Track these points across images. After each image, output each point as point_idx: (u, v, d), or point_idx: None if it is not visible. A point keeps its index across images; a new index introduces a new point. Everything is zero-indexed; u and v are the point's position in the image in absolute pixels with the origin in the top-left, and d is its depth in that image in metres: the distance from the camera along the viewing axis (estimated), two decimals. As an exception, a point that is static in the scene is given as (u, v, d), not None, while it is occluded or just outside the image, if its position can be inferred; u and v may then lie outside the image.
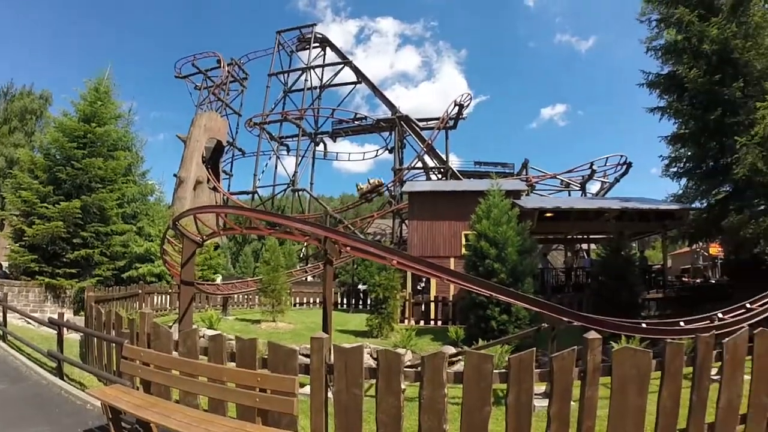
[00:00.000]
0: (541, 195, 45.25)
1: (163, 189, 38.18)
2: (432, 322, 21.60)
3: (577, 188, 47.38)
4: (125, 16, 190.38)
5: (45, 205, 21.72)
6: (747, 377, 4.90)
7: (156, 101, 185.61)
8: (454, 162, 52.09)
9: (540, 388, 4.82)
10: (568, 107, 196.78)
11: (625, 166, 45.48)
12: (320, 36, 62.51)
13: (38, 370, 10.04)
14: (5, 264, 26.28)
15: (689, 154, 21.84)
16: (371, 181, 52.55)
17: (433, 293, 22.90)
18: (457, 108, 50.89)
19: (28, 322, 14.94)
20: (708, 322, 10.64)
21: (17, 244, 22.32)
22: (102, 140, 24.48)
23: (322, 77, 61.05)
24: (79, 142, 23.44)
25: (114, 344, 8.06)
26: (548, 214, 24.22)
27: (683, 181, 22.17)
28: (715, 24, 18.63)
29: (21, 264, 21.62)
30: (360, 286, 29.06)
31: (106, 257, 23.06)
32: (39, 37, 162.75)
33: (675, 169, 22.23)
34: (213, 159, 51.75)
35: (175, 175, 48.93)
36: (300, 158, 56.07)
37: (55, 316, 10.34)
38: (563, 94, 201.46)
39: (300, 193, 55.89)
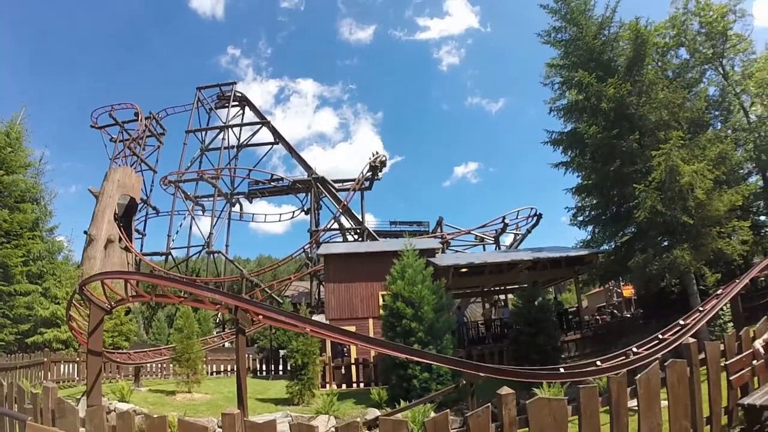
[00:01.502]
0: (457, 251, 46.47)
1: (72, 247, 36.62)
2: (354, 385, 21.26)
3: (491, 242, 48.95)
4: (42, 55, 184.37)
5: (-60, 257, 20.32)
6: (665, 403, 5.09)
7: (69, 150, 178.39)
8: (371, 222, 52.92)
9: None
10: (480, 165, 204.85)
11: (535, 218, 47.75)
12: (240, 95, 62.94)
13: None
14: None
15: (594, 202, 23.26)
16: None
17: (354, 355, 22.67)
18: (372, 169, 51.76)
19: None
20: (623, 358, 10.98)
21: None
22: (9, 190, 23.37)
23: (239, 136, 61.27)
24: (-16, 190, 22.22)
25: (16, 420, 7.56)
26: (463, 270, 24.71)
27: (590, 227, 23.47)
28: (611, 84, 20.05)
29: None
30: (280, 351, 28.42)
31: (9, 320, 21.68)
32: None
33: (581, 218, 23.52)
34: (126, 217, 50.23)
35: (85, 232, 47.04)
36: (216, 219, 55.33)
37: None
38: (475, 153, 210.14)
39: (215, 255, 54.78)
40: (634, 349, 11.48)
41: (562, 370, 10.59)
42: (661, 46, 22.36)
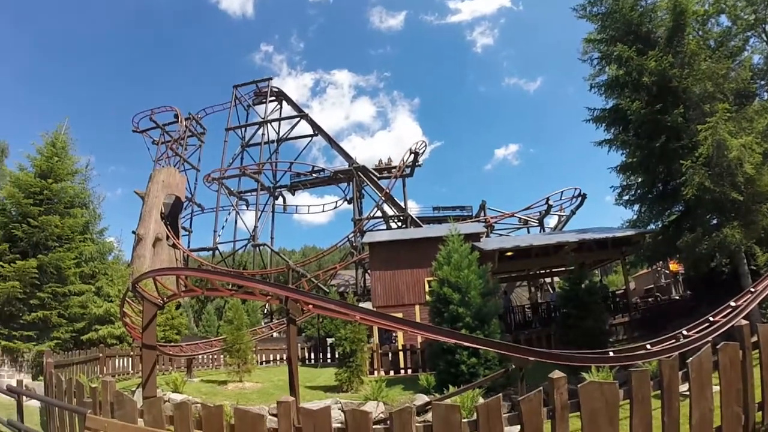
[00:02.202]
0: (501, 234, 45.87)
1: (121, 247, 37.39)
2: (402, 371, 21.32)
3: (536, 224, 48.18)
4: (83, 67, 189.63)
5: (0, 263, 21.07)
6: (717, 388, 4.98)
7: (114, 156, 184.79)
8: (413, 209, 52.74)
9: (513, 429, 4.83)
10: (520, 146, 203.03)
11: (579, 198, 46.62)
12: (276, 90, 63.21)
13: (-3, 440, 9.63)
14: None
15: (639, 181, 22.31)
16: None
17: (401, 342, 22.73)
18: (412, 156, 51.70)
19: (-17, 389, 14.33)
20: (674, 341, 10.73)
21: (-29, 305, 21.43)
22: (59, 197, 24.03)
23: (279, 131, 61.76)
24: (36, 199, 22.97)
25: (76, 414, 7.82)
26: (508, 254, 24.39)
27: (636, 207, 22.56)
28: (652, 57, 19.35)
29: (-25, 326, 20.70)
30: (328, 339, 28.67)
31: (65, 319, 22.32)
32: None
33: (627, 197, 22.59)
34: (172, 215, 51.25)
35: (133, 232, 48.30)
36: (259, 212, 56.12)
37: (13, 382, 9.99)
38: (515, 134, 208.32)
39: (261, 247, 55.52)
40: (685, 332, 11.22)
41: (611, 354, 10.44)
42: (700, 14, 21.38)
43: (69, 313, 22.59)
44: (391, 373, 21.22)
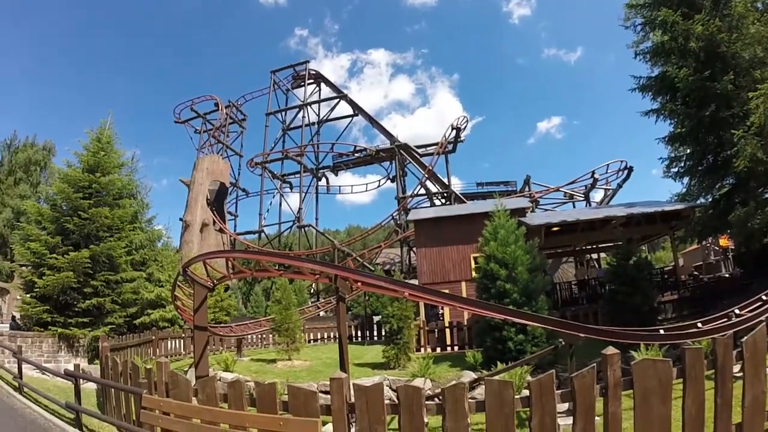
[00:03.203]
0: (546, 209, 45.08)
1: (170, 234, 38.42)
2: (448, 348, 21.34)
3: (581, 198, 47.12)
4: (120, 65, 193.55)
5: (54, 255, 21.76)
6: None
7: (157, 147, 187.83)
8: (457, 185, 52.47)
9: (563, 405, 4.76)
10: (563, 119, 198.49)
11: (626, 171, 45.07)
12: (314, 72, 63.34)
13: (56, 421, 10.00)
14: (17, 315, 26.36)
15: (688, 152, 21.63)
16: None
17: (447, 319, 22.73)
18: (454, 131, 51.24)
19: (43, 373, 14.86)
20: (725, 320, 10.53)
21: (28, 296, 22.33)
22: (107, 189, 24.65)
23: (319, 113, 61.96)
24: (85, 192, 23.61)
25: (132, 394, 8.03)
26: (555, 229, 24.12)
27: (685, 179, 21.98)
28: (698, 21, 18.62)
29: (33, 315, 21.51)
30: (374, 317, 28.84)
31: (118, 305, 23.01)
32: (37, 89, 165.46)
33: (676, 169, 22.01)
34: (217, 201, 52.17)
35: (180, 219, 49.38)
36: (303, 194, 56.62)
37: (70, 366, 10.35)
38: (557, 107, 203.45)
39: (306, 228, 56.15)
40: (737, 311, 10.98)
41: (662, 331, 10.23)
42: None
43: (122, 299, 23.27)
44: (438, 350, 21.26)
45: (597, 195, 47.66)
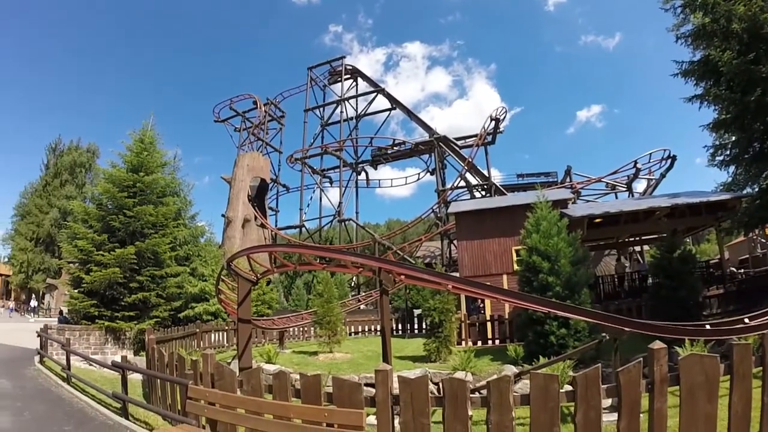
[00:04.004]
0: (588, 200, 44.36)
1: (212, 230, 38.88)
2: (489, 342, 21.17)
3: (623, 189, 46.19)
4: (160, 69, 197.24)
5: (101, 252, 22.26)
6: None
7: (198, 146, 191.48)
8: (497, 177, 51.96)
9: (605, 402, 4.68)
10: (603, 107, 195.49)
11: (669, 160, 43.93)
12: (350, 67, 63.61)
13: (103, 411, 10.22)
14: (65, 310, 27.17)
15: (734, 139, 20.62)
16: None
17: (488, 312, 22.55)
18: (493, 123, 50.82)
19: (90, 365, 15.24)
20: (774, 316, 10.19)
21: (76, 291, 22.92)
22: (151, 188, 25.12)
23: (356, 107, 62.13)
24: (129, 192, 24.07)
25: (178, 385, 8.16)
26: (597, 220, 23.65)
27: (731, 168, 20.92)
28: (740, 1, 17.88)
29: (81, 309, 22.09)
30: (414, 311, 28.83)
31: (162, 299, 23.45)
32: (77, 93, 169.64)
33: (721, 158, 20.91)
34: (258, 197, 52.88)
35: (223, 216, 50.15)
36: (343, 189, 56.97)
37: (117, 358, 10.57)
38: (597, 95, 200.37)
39: (346, 222, 56.43)
40: (786, 306, 10.64)
41: (708, 327, 9.97)
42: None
43: (166, 293, 23.71)
44: (479, 343, 21.11)
45: (639, 186, 46.64)
